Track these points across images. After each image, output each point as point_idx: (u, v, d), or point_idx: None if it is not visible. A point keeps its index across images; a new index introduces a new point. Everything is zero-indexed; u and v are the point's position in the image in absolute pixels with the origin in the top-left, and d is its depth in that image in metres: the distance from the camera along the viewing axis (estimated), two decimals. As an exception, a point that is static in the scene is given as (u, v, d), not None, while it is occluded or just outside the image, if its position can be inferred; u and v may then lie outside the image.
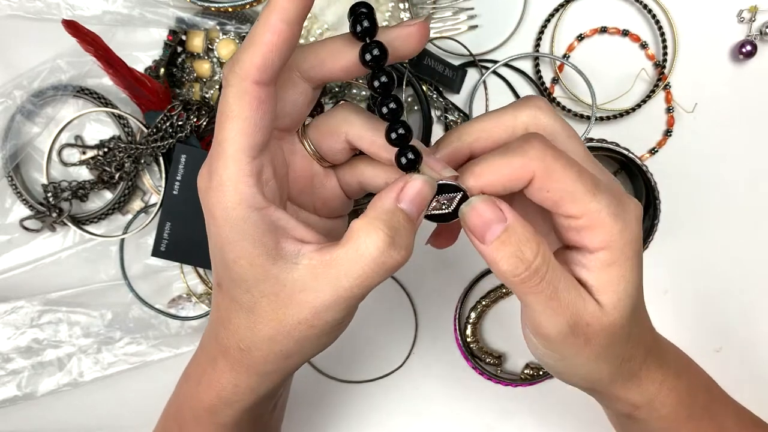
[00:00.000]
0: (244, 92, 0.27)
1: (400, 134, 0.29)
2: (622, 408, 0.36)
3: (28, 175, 0.50)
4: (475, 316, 0.52)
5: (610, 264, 0.29)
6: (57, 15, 0.47)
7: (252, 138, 0.28)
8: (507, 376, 0.53)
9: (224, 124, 0.28)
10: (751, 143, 0.52)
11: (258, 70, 0.27)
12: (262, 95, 0.28)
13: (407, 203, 0.29)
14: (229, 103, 0.28)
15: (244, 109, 0.27)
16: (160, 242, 0.48)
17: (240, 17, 0.48)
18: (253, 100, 0.28)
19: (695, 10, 0.51)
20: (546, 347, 0.31)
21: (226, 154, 0.28)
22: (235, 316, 0.30)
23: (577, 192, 0.29)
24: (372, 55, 0.28)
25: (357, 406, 0.54)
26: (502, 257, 0.28)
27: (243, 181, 0.28)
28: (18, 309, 0.50)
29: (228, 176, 0.28)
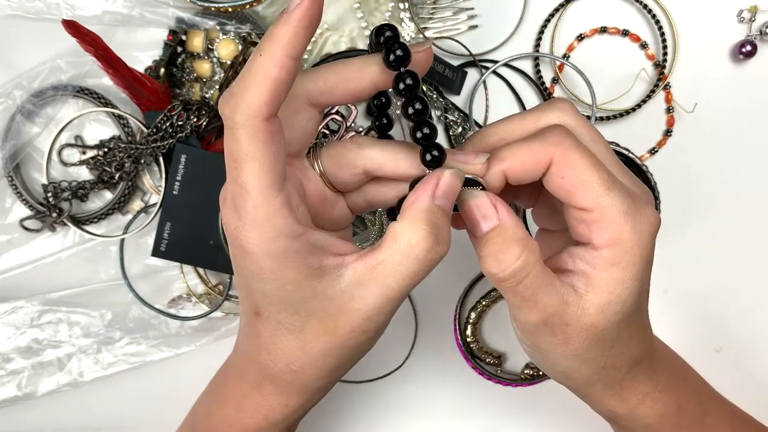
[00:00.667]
0: (257, 131, 0.27)
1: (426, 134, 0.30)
2: (602, 412, 0.36)
3: (28, 175, 0.50)
4: (475, 316, 0.52)
5: (613, 264, 0.29)
6: (57, 15, 0.47)
7: (274, 173, 0.28)
8: (507, 376, 0.53)
9: (243, 166, 0.27)
10: (751, 143, 0.52)
11: (267, 106, 0.27)
12: (274, 129, 0.28)
13: (442, 198, 0.29)
14: (243, 146, 0.27)
15: (260, 147, 0.27)
16: (160, 242, 0.48)
17: (240, 17, 0.48)
18: (267, 136, 0.27)
19: (695, 10, 0.51)
20: (523, 338, 0.32)
21: (253, 195, 0.27)
22: (283, 340, 0.31)
23: (591, 182, 0.29)
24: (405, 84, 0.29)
25: (357, 406, 0.54)
26: (486, 254, 0.29)
27: (277, 215, 0.28)
28: (18, 309, 0.50)
29: (261, 215, 0.28)
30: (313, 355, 0.30)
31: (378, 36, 0.29)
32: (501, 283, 0.29)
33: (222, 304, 0.51)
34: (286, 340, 0.30)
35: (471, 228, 0.30)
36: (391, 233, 0.29)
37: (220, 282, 0.52)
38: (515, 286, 0.29)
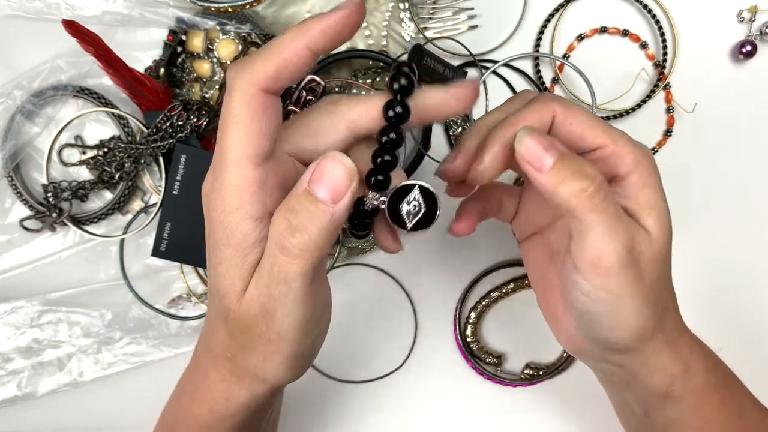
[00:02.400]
0: (251, 97, 0.27)
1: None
2: (659, 383, 0.34)
3: (28, 175, 0.50)
4: (475, 316, 0.52)
5: (644, 186, 0.31)
6: (57, 15, 0.47)
7: (257, 144, 0.27)
8: (507, 376, 0.53)
9: (228, 129, 0.27)
10: (751, 143, 0.52)
11: (268, 78, 0.27)
12: (268, 102, 0.27)
13: (316, 185, 0.27)
14: (234, 108, 0.27)
15: (249, 114, 0.27)
16: (160, 242, 0.48)
17: (240, 17, 0.48)
18: (259, 105, 0.27)
19: (695, 10, 0.51)
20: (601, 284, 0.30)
21: (229, 159, 0.27)
22: (219, 325, 0.30)
23: (594, 123, 0.32)
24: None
25: (357, 406, 0.54)
26: (565, 177, 0.29)
27: (245, 187, 0.27)
28: (18, 309, 0.50)
29: (230, 181, 0.27)
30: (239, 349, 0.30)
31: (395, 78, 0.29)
32: (591, 200, 0.29)
33: (222, 304, 0.51)
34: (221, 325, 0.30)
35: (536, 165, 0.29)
36: None
37: (220, 282, 0.52)
38: (604, 199, 0.29)
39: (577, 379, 0.53)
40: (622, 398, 0.38)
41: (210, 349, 0.32)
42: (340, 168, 0.27)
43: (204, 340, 0.33)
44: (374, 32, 0.50)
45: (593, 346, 0.34)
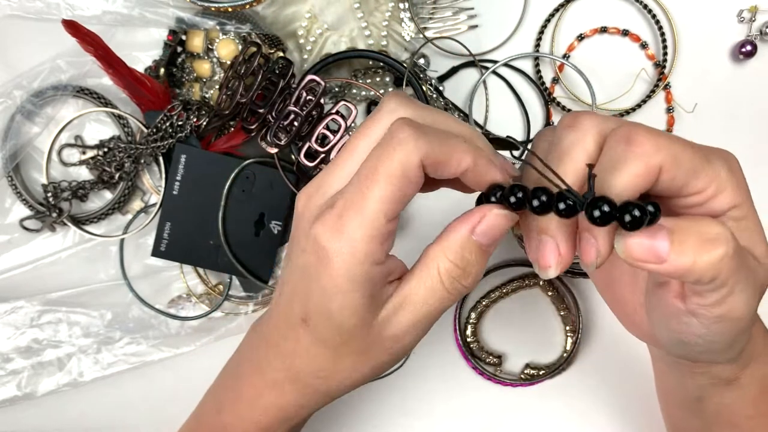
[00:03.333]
0: (413, 167, 0.28)
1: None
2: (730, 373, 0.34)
3: (28, 175, 0.50)
4: (475, 316, 0.52)
5: (744, 218, 0.28)
6: (57, 15, 0.47)
7: (396, 206, 0.28)
8: (507, 377, 0.53)
9: (379, 182, 0.28)
10: (752, 143, 0.52)
11: (432, 164, 0.28)
12: (420, 177, 0.28)
13: (481, 235, 0.29)
14: (394, 165, 0.27)
15: (403, 178, 0.28)
16: (160, 242, 0.48)
17: (240, 17, 0.48)
18: (414, 177, 0.28)
19: (695, 10, 0.51)
20: (727, 334, 0.29)
21: (368, 212, 0.28)
22: (318, 351, 0.32)
23: (697, 166, 0.27)
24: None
25: (357, 406, 0.53)
26: (694, 254, 0.25)
27: (376, 240, 0.28)
28: (18, 309, 0.50)
29: (363, 234, 0.28)
30: (342, 368, 0.32)
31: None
32: (732, 261, 0.25)
33: (222, 304, 0.51)
34: (323, 351, 0.31)
35: (655, 261, 0.25)
36: (423, 257, 0.30)
37: (220, 282, 0.52)
38: (740, 257, 0.26)
39: (577, 379, 0.53)
40: (679, 379, 0.37)
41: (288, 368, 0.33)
42: (505, 222, 0.29)
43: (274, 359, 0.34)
44: (374, 32, 0.50)
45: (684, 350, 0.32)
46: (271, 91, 0.44)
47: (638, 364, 0.53)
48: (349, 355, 0.31)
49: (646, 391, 0.54)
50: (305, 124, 0.44)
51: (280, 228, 0.49)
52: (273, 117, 0.45)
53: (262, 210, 0.49)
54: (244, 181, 0.48)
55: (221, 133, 0.49)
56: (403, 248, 0.52)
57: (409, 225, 0.52)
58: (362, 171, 0.28)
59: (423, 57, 0.51)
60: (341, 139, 0.43)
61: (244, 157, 0.48)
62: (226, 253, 0.48)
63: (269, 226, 0.49)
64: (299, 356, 0.32)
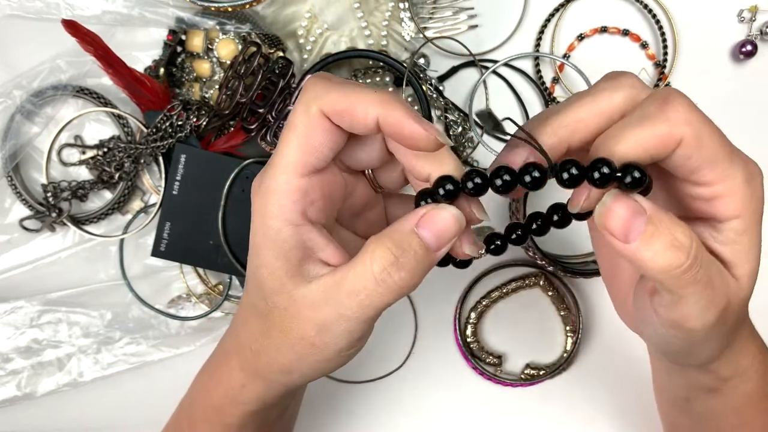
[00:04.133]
0: (314, 116, 0.28)
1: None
2: (709, 382, 0.34)
3: (28, 175, 0.50)
4: (475, 316, 0.52)
5: (743, 233, 0.27)
6: (57, 15, 0.47)
7: (306, 157, 0.28)
8: (507, 377, 0.53)
9: (286, 135, 0.29)
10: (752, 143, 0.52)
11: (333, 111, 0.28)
12: (328, 126, 0.28)
13: (426, 231, 0.28)
14: (295, 120, 0.28)
15: (307, 128, 0.28)
16: (160, 242, 0.48)
17: (240, 17, 0.48)
18: (318, 124, 0.28)
19: (695, 10, 0.51)
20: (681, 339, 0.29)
21: (279, 164, 0.28)
22: (252, 318, 0.31)
23: (717, 157, 0.26)
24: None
25: (357, 406, 0.54)
26: (656, 251, 0.25)
27: (286, 195, 0.28)
28: (17, 309, 0.50)
29: (274, 186, 0.28)
30: (269, 345, 0.31)
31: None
32: (685, 275, 0.25)
33: (222, 304, 0.51)
34: (255, 321, 0.31)
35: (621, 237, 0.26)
36: (363, 247, 0.28)
37: (220, 282, 0.52)
38: (698, 270, 0.25)
39: (576, 379, 0.53)
40: (668, 377, 0.38)
41: (238, 336, 0.33)
42: (453, 223, 0.28)
43: (234, 327, 0.34)
44: (374, 32, 0.50)
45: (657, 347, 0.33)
46: (271, 90, 0.44)
47: (638, 364, 0.53)
48: (274, 330, 0.30)
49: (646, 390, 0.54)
50: (305, 124, 0.44)
51: (280, 228, 0.49)
52: (273, 117, 0.45)
53: (262, 210, 0.49)
54: (244, 181, 0.48)
55: (221, 133, 0.49)
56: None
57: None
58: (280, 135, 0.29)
59: (423, 57, 0.51)
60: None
61: (244, 157, 0.48)
62: (225, 253, 0.48)
63: (269, 226, 0.49)
64: (243, 324, 0.32)
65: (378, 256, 0.27)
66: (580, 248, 0.52)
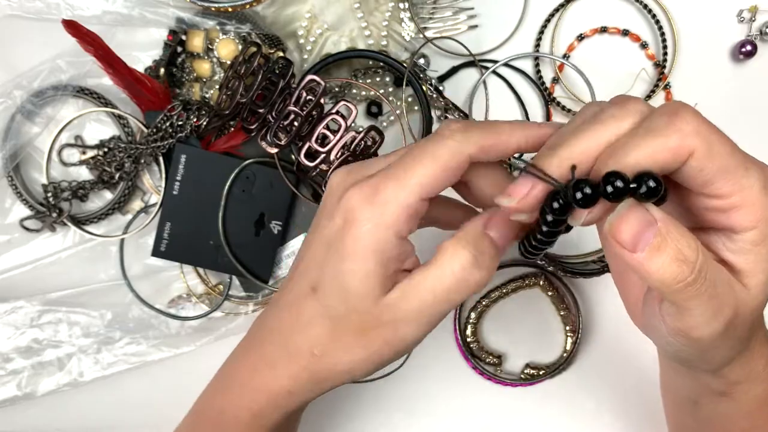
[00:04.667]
0: (460, 153, 0.29)
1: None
2: (719, 386, 0.34)
3: (28, 175, 0.50)
4: (475, 316, 0.52)
5: (758, 243, 0.27)
6: (57, 15, 0.47)
7: (434, 185, 0.30)
8: (507, 376, 0.53)
9: (422, 157, 0.30)
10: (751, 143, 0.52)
11: (481, 150, 0.30)
12: (467, 165, 0.30)
13: (493, 229, 0.30)
14: (443, 150, 0.29)
15: (450, 163, 0.29)
16: (160, 242, 0.48)
17: (240, 17, 0.48)
18: (460, 163, 0.30)
19: (695, 10, 0.51)
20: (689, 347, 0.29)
21: (407, 182, 0.29)
22: (320, 323, 0.32)
23: (730, 167, 0.26)
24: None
25: (357, 406, 0.54)
26: (662, 264, 0.25)
27: (406, 211, 0.29)
28: (18, 309, 0.50)
29: (397, 200, 0.29)
30: (337, 346, 0.31)
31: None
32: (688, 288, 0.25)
33: (222, 304, 0.51)
34: (323, 324, 0.31)
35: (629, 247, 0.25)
36: (438, 249, 0.30)
37: (220, 282, 0.52)
38: (703, 283, 0.25)
39: (576, 379, 0.53)
40: (676, 377, 0.38)
41: (287, 343, 0.33)
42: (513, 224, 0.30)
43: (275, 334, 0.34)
44: (374, 32, 0.50)
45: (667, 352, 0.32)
46: (271, 91, 0.44)
47: (638, 364, 0.53)
48: (348, 333, 0.31)
49: (646, 390, 0.54)
50: (305, 124, 0.44)
51: (280, 228, 0.49)
52: (273, 117, 0.45)
53: (262, 210, 0.49)
54: (244, 181, 0.48)
55: (221, 133, 0.49)
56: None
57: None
58: (409, 152, 0.30)
59: (423, 57, 0.51)
60: (341, 139, 0.43)
61: (244, 157, 0.48)
62: (226, 253, 0.48)
63: (269, 226, 0.49)
64: (298, 330, 0.32)
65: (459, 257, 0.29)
66: (580, 248, 0.52)
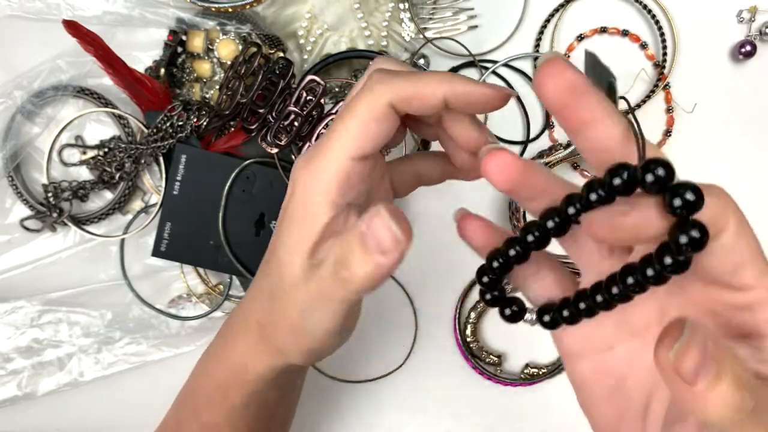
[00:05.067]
0: (379, 104, 0.28)
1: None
2: None
3: (29, 175, 0.50)
4: (475, 316, 0.52)
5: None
6: (57, 15, 0.47)
7: (362, 143, 0.29)
8: (507, 376, 0.53)
9: (345, 119, 0.29)
10: (751, 143, 0.52)
11: (401, 99, 0.28)
12: (389, 117, 0.29)
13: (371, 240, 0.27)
14: (360, 105, 0.29)
15: (370, 116, 0.29)
16: (161, 242, 0.48)
17: (240, 17, 0.48)
18: (381, 114, 0.28)
19: (695, 11, 0.52)
20: None
21: (332, 145, 0.29)
22: (264, 294, 0.32)
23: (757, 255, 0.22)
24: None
25: (357, 406, 0.54)
26: (722, 398, 0.19)
27: (333, 175, 0.29)
28: (18, 309, 0.50)
29: (323, 164, 0.29)
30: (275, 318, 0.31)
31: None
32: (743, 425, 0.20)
33: (222, 304, 0.51)
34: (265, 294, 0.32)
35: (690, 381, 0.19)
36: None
37: (221, 282, 0.52)
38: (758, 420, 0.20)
39: (576, 378, 0.53)
40: None
41: (245, 316, 0.34)
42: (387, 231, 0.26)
43: (241, 308, 0.35)
44: (374, 32, 0.50)
45: None
46: (271, 91, 0.44)
47: (638, 364, 0.53)
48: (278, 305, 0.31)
49: (646, 390, 0.54)
50: (305, 124, 0.44)
51: (281, 228, 0.49)
52: (273, 117, 0.45)
53: (262, 210, 0.49)
54: (244, 181, 0.48)
55: (221, 133, 0.49)
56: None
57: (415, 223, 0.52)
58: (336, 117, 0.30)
59: (423, 57, 0.51)
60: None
61: (244, 157, 0.48)
62: (226, 253, 0.48)
63: (269, 226, 0.49)
64: (255, 300, 0.33)
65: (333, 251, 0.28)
66: (579, 248, 0.52)
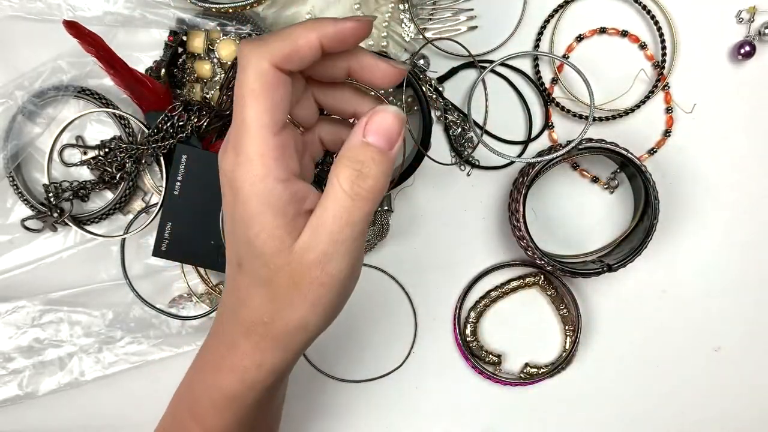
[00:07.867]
0: (266, 71, 0.29)
1: None
2: None
3: (30, 175, 0.51)
4: (474, 316, 0.52)
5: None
6: (58, 16, 0.47)
7: (273, 114, 0.29)
8: (506, 376, 0.53)
9: (245, 102, 0.29)
10: (750, 143, 0.53)
11: (282, 57, 0.29)
12: (280, 78, 0.29)
13: (372, 135, 0.30)
14: (249, 82, 0.29)
15: (264, 86, 0.29)
16: (161, 242, 0.48)
17: (240, 18, 0.48)
18: (273, 79, 0.29)
19: (694, 11, 0.52)
20: None
21: (251, 131, 0.29)
22: (256, 293, 0.32)
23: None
24: None
25: (357, 406, 0.54)
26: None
27: (269, 155, 0.29)
28: (19, 309, 0.51)
29: (255, 151, 0.29)
30: (280, 307, 0.31)
31: None
32: None
33: (222, 304, 0.51)
34: (259, 292, 0.31)
35: None
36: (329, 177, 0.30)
37: (221, 281, 0.52)
38: None
39: (575, 378, 0.54)
40: None
41: (240, 321, 0.33)
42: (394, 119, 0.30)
43: (228, 317, 0.34)
44: (374, 33, 0.50)
45: None
46: (271, 91, 0.44)
47: (637, 364, 0.53)
48: (283, 292, 0.31)
49: (645, 390, 0.54)
50: (306, 124, 0.44)
51: (281, 228, 0.49)
52: (273, 117, 0.45)
53: (262, 210, 0.49)
54: (244, 181, 0.48)
55: (222, 134, 0.49)
56: (410, 245, 0.52)
57: (415, 223, 0.52)
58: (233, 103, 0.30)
59: (423, 58, 0.51)
60: (341, 139, 0.44)
61: (244, 157, 0.48)
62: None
63: (270, 226, 0.49)
64: (244, 305, 0.32)
65: (344, 177, 0.29)
66: (579, 248, 0.52)
